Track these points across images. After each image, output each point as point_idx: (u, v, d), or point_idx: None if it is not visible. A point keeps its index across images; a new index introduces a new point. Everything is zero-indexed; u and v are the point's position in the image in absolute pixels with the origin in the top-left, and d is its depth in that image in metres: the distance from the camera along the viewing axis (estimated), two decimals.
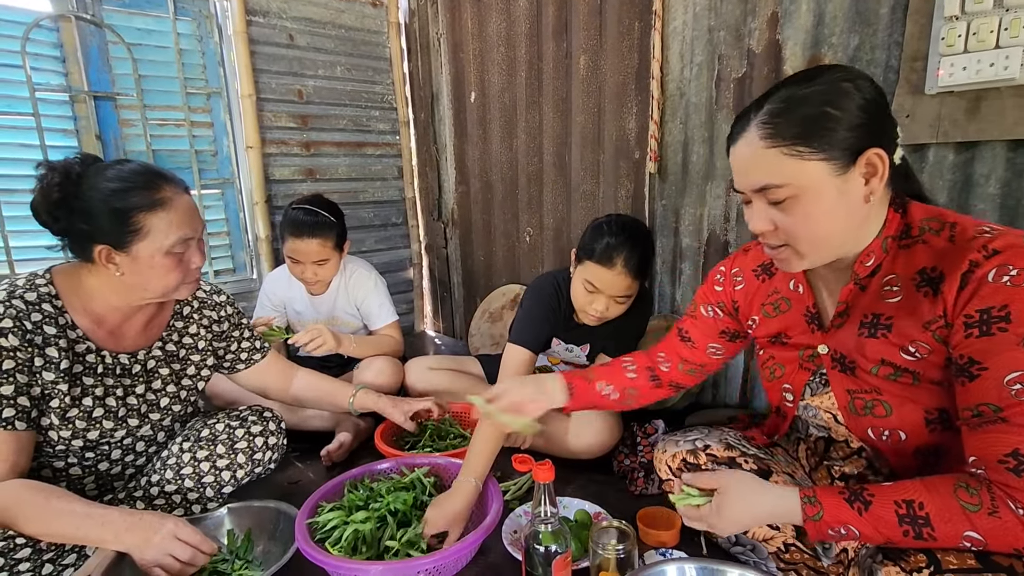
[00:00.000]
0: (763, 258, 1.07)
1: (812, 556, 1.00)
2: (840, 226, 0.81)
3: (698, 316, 1.17)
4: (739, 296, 1.10)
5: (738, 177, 0.86)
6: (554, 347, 1.78)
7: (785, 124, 0.77)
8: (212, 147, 2.37)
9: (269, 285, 2.07)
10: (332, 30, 2.62)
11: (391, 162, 2.92)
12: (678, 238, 1.98)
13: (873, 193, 0.79)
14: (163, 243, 1.10)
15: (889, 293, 0.84)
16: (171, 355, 1.30)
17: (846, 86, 0.77)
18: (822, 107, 0.76)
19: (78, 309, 1.15)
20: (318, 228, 1.83)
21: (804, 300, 0.98)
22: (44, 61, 1.97)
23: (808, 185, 0.78)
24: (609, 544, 1.01)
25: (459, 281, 2.95)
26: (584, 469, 1.58)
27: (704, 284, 1.17)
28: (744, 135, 0.82)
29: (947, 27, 1.30)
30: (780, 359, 1.04)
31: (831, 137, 0.76)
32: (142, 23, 2.14)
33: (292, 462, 1.70)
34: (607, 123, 2.07)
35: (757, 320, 1.07)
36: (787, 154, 0.77)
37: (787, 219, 0.81)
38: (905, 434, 0.87)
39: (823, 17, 1.52)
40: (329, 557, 1.05)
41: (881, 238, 0.84)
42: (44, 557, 1.07)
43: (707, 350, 1.16)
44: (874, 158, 0.77)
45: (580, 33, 2.06)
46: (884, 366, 0.85)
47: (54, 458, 1.17)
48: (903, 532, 0.74)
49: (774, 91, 0.82)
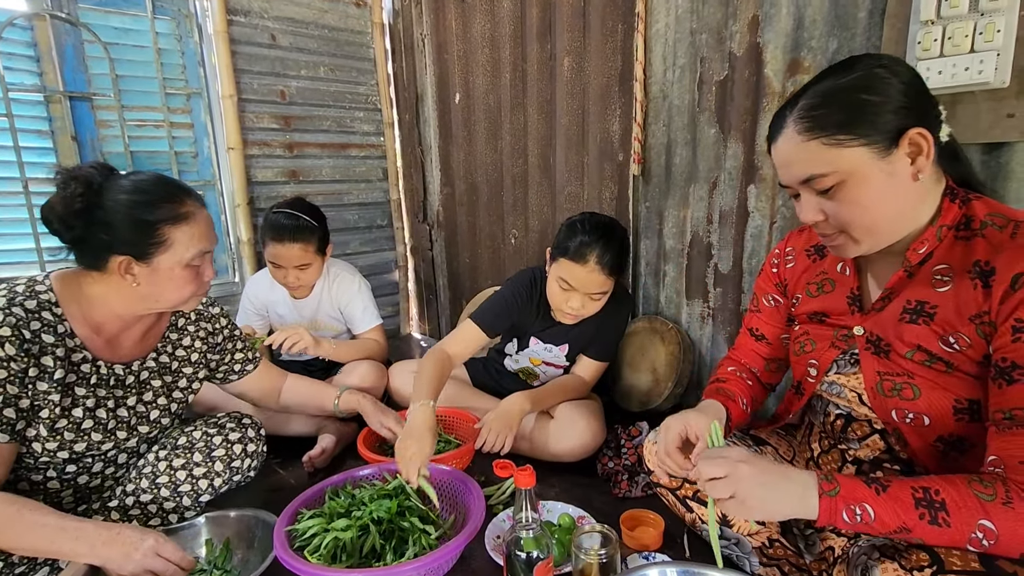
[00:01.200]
0: (817, 239, 1.08)
1: (795, 553, 1.00)
2: (892, 208, 0.82)
3: (762, 309, 1.17)
4: (789, 274, 1.11)
5: (782, 172, 0.87)
6: (532, 346, 1.79)
7: (822, 116, 0.79)
8: (192, 148, 2.34)
9: (251, 288, 2.05)
10: (315, 30, 2.59)
11: (376, 164, 2.90)
12: (662, 240, 1.99)
13: (921, 172, 0.79)
14: (184, 256, 1.11)
15: (939, 283, 0.84)
16: (164, 367, 1.28)
17: (880, 72, 0.78)
18: (858, 94, 0.78)
19: (77, 317, 1.13)
20: (299, 232, 1.81)
21: (849, 283, 0.99)
22: (18, 60, 1.93)
23: (852, 170, 0.79)
24: (592, 549, 1.00)
25: (445, 283, 2.93)
26: (568, 472, 1.58)
27: (761, 274, 1.18)
28: (783, 132, 0.84)
29: (923, 31, 1.32)
30: (814, 335, 1.03)
31: (870, 122, 0.77)
32: (119, 22, 2.10)
33: (274, 469, 1.68)
34: (591, 125, 2.07)
35: (800, 298, 1.08)
36: (827, 144, 0.79)
37: (837, 206, 0.82)
38: (929, 419, 0.86)
39: (802, 21, 1.53)
40: (307, 565, 1.03)
41: (936, 227, 0.84)
42: (16, 571, 1.05)
43: (781, 342, 1.16)
44: (917, 137, 0.78)
45: (564, 35, 2.06)
46: (920, 352, 0.85)
47: (33, 471, 1.14)
48: (919, 515, 0.73)
49: (809, 86, 0.84)
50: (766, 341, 1.17)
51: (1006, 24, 1.23)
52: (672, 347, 1.86)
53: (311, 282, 1.94)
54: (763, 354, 1.18)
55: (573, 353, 1.78)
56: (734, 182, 1.74)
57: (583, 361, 1.76)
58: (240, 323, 2.00)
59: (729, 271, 1.80)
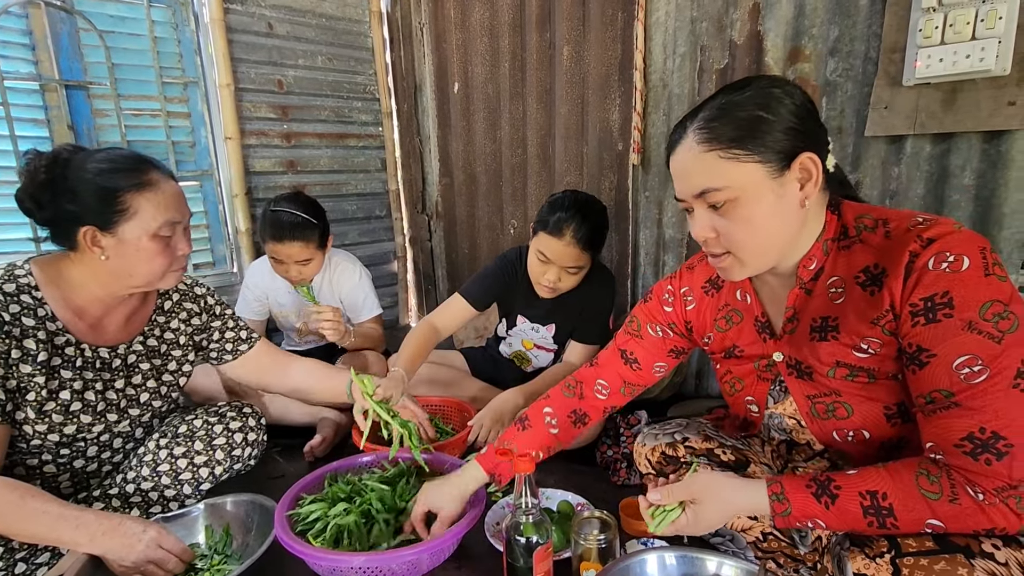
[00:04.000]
0: (709, 273, 1.07)
1: (789, 544, 1.01)
2: (779, 230, 0.83)
3: (644, 336, 1.14)
4: (692, 316, 1.09)
5: (678, 184, 0.87)
6: (520, 325, 1.80)
7: (721, 128, 0.80)
8: (190, 138, 2.33)
9: (252, 277, 2.04)
10: (312, 19, 2.57)
11: (374, 154, 2.88)
12: (661, 229, 1.99)
13: (808, 198, 0.81)
14: (150, 225, 1.08)
15: (835, 295, 0.86)
16: (152, 350, 1.27)
17: (776, 92, 0.80)
18: (755, 111, 0.79)
19: (58, 301, 1.13)
20: (299, 230, 1.77)
21: (752, 310, 0.99)
22: (13, 49, 1.91)
23: (746, 186, 0.79)
24: (591, 534, 1.01)
25: (444, 274, 2.93)
26: (567, 460, 1.58)
27: (647, 303, 1.15)
28: (682, 142, 0.84)
29: (924, 19, 1.32)
30: (737, 373, 1.05)
31: (764, 139, 0.78)
32: (114, 10, 2.08)
33: (274, 457, 1.69)
34: (590, 114, 2.06)
35: (712, 336, 1.07)
36: (724, 157, 0.79)
37: (727, 224, 0.83)
38: (869, 432, 0.88)
39: (803, 8, 1.53)
40: (309, 548, 1.04)
41: (821, 241, 0.86)
42: (16, 556, 1.05)
43: (652, 369, 1.16)
44: (808, 162, 0.79)
45: (563, 23, 2.05)
46: (840, 367, 0.86)
47: (28, 455, 1.14)
48: (868, 523, 0.76)
49: (709, 101, 0.84)
50: (637, 366, 1.14)
51: (1008, 11, 1.23)
52: None
53: (312, 275, 1.93)
54: (627, 378, 1.15)
55: (561, 335, 1.79)
56: None
57: (574, 346, 1.77)
58: (240, 311, 2.00)
59: None
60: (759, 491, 0.83)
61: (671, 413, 1.83)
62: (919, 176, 1.43)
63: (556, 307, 1.71)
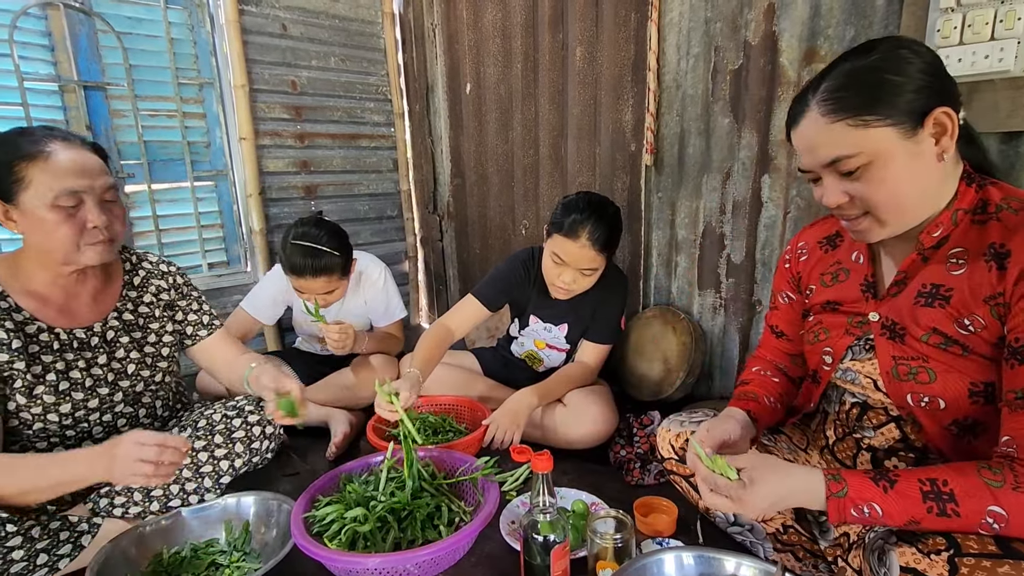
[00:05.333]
0: (829, 230, 1.08)
1: (809, 539, 1.01)
2: (917, 187, 0.82)
3: (779, 306, 1.17)
4: (802, 267, 1.11)
5: (805, 156, 0.87)
6: (532, 325, 1.81)
7: (847, 97, 0.79)
8: (205, 138, 2.35)
9: (274, 281, 1.95)
10: (326, 20, 2.59)
11: (386, 154, 2.90)
12: (674, 230, 1.99)
13: (946, 151, 0.80)
14: (45, 195, 1.08)
15: (954, 266, 0.85)
16: (130, 324, 1.31)
17: (903, 52, 0.79)
18: (882, 74, 0.78)
19: (19, 292, 1.17)
20: (321, 267, 1.71)
21: (863, 270, 0.99)
22: (32, 50, 1.93)
23: (879, 150, 0.79)
24: (607, 533, 1.01)
25: (455, 274, 2.94)
26: (580, 459, 1.59)
27: (776, 273, 1.18)
28: (806, 115, 0.84)
29: (943, 19, 1.31)
30: (827, 324, 1.03)
31: (894, 102, 0.77)
32: (132, 11, 2.11)
33: (288, 454, 1.70)
34: (603, 115, 2.06)
35: (814, 289, 1.07)
36: (853, 125, 0.79)
37: (863, 187, 0.82)
38: (945, 402, 0.86)
39: (819, 8, 1.52)
40: (326, 551, 1.05)
41: (951, 210, 0.85)
42: (38, 546, 1.07)
43: (801, 338, 1.15)
44: (942, 117, 0.78)
45: (576, 24, 2.05)
46: (935, 335, 0.85)
47: (37, 439, 1.19)
48: (927, 508, 0.74)
49: (830, 69, 0.83)
50: (786, 338, 1.18)
51: None
52: (684, 337, 1.86)
53: (339, 298, 1.90)
54: (786, 350, 1.19)
55: (573, 335, 1.79)
56: (748, 172, 1.73)
57: (586, 346, 1.77)
58: (247, 306, 1.94)
59: (742, 261, 1.80)
60: (814, 473, 0.82)
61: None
62: None
63: (569, 307, 1.71)
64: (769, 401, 1.11)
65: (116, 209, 1.18)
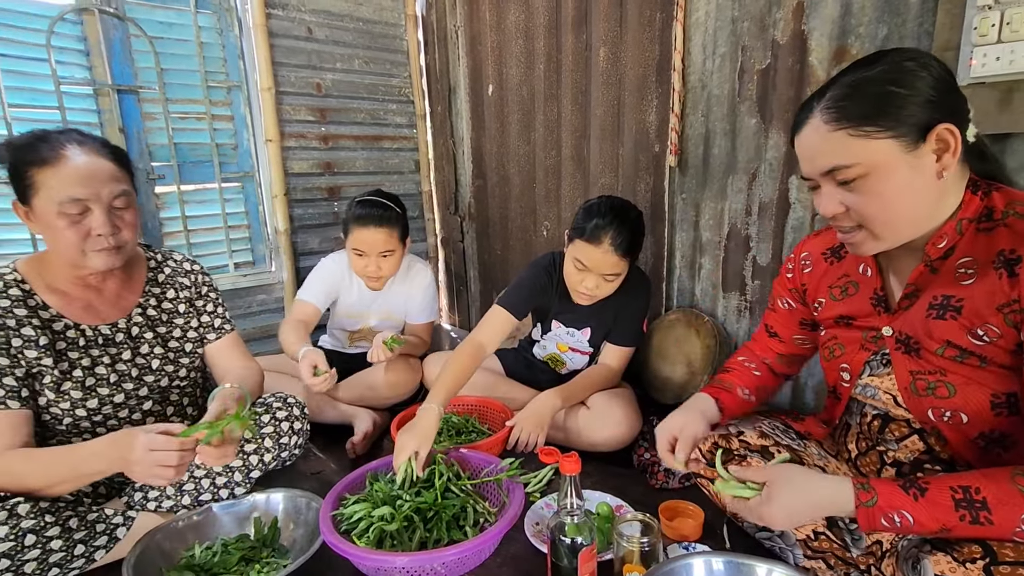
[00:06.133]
0: (833, 241, 1.07)
1: (841, 546, 0.99)
2: (914, 203, 0.81)
3: (777, 310, 1.20)
4: (807, 279, 1.10)
5: (805, 163, 0.87)
6: (555, 329, 1.80)
7: (850, 106, 0.78)
8: (232, 140, 2.39)
9: (330, 267, 2.00)
10: (350, 23, 2.62)
11: (408, 155, 2.92)
12: (698, 232, 1.97)
13: (946, 169, 0.79)
14: (53, 200, 1.10)
15: (963, 276, 0.83)
16: (153, 320, 1.34)
17: (910, 65, 0.78)
18: (887, 86, 0.77)
19: (45, 289, 1.20)
20: (386, 219, 1.84)
21: (872, 283, 0.98)
22: (68, 55, 1.99)
23: (878, 163, 0.78)
24: (633, 537, 1.01)
25: (475, 275, 2.95)
26: (603, 462, 1.58)
27: (778, 278, 1.19)
28: (809, 122, 0.84)
29: (980, 16, 1.28)
30: (842, 339, 1.03)
31: (898, 115, 0.76)
32: (163, 16, 2.15)
33: (313, 452, 1.73)
34: (627, 116, 2.05)
35: (823, 302, 1.07)
36: (854, 135, 0.78)
37: (859, 199, 0.81)
38: (967, 416, 0.85)
39: (850, 7, 1.49)
40: (355, 549, 1.06)
41: (955, 220, 0.83)
42: (75, 537, 1.10)
43: (793, 341, 1.19)
44: (945, 133, 0.77)
45: (600, 25, 2.05)
46: (950, 347, 0.84)
47: (67, 434, 1.22)
48: (959, 516, 0.72)
49: (837, 78, 0.83)
50: (779, 339, 1.21)
51: None
52: (707, 340, 1.85)
53: (392, 272, 1.95)
54: (776, 349, 1.22)
55: (596, 338, 1.78)
56: (775, 173, 1.71)
57: (609, 348, 1.77)
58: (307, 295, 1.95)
59: (768, 263, 1.78)
60: (843, 481, 0.81)
61: None
62: None
63: (591, 311, 1.70)
64: (743, 393, 1.16)
65: (127, 216, 1.19)
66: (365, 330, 2.08)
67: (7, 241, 1.92)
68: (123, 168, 1.20)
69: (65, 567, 1.08)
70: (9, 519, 1.01)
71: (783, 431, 1.14)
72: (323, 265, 2.03)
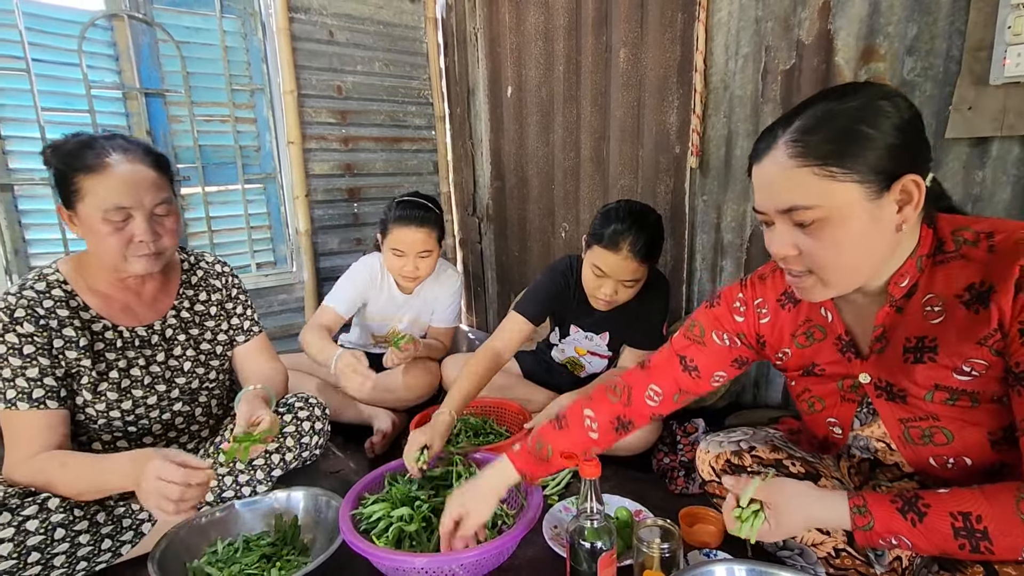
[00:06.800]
0: (785, 286, 1.01)
1: (864, 563, 0.97)
2: (868, 254, 0.78)
3: (708, 343, 1.07)
4: (765, 330, 1.03)
5: (761, 197, 0.82)
6: (573, 334, 1.79)
7: (817, 142, 0.74)
8: (255, 142, 2.43)
9: (361, 272, 1.99)
10: (371, 26, 2.64)
11: (427, 157, 2.94)
12: (719, 234, 1.95)
13: (906, 222, 0.76)
14: (99, 207, 1.12)
15: (931, 314, 0.81)
16: (186, 322, 1.36)
17: (883, 104, 0.73)
18: (857, 124, 0.73)
19: (86, 291, 1.23)
20: (426, 220, 1.85)
21: (835, 328, 0.94)
22: (99, 59, 2.04)
23: (839, 208, 0.74)
24: (654, 542, 1.00)
25: (493, 276, 2.95)
26: (621, 466, 1.57)
27: (714, 308, 1.07)
28: (770, 152, 0.78)
29: (1014, 15, 1.24)
30: (817, 392, 1.00)
31: (866, 157, 0.72)
32: (190, 21, 2.20)
33: (333, 452, 1.74)
34: (647, 117, 2.04)
35: (789, 352, 1.01)
36: (818, 174, 0.74)
37: (813, 244, 0.77)
38: (971, 460, 0.83)
39: (878, 5, 1.47)
40: (374, 548, 1.06)
41: (915, 257, 0.81)
42: (103, 531, 1.12)
43: (711, 379, 1.08)
44: (910, 185, 0.74)
45: (621, 26, 2.04)
46: (939, 391, 0.81)
47: (102, 431, 1.25)
48: (959, 545, 0.72)
49: (804, 107, 0.78)
50: (696, 373, 1.07)
51: None
52: None
53: (428, 273, 1.95)
54: (683, 386, 1.08)
55: (615, 342, 1.77)
56: None
57: (628, 352, 1.75)
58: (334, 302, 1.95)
59: None
60: (840, 502, 0.80)
61: (729, 422, 1.78)
62: (1005, 181, 1.35)
63: (610, 315, 1.68)
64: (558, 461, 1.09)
65: (168, 223, 1.21)
66: (391, 333, 2.09)
67: (39, 241, 1.98)
68: (164, 175, 1.22)
69: (92, 561, 1.10)
70: (40, 512, 1.04)
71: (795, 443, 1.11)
72: (354, 269, 2.02)
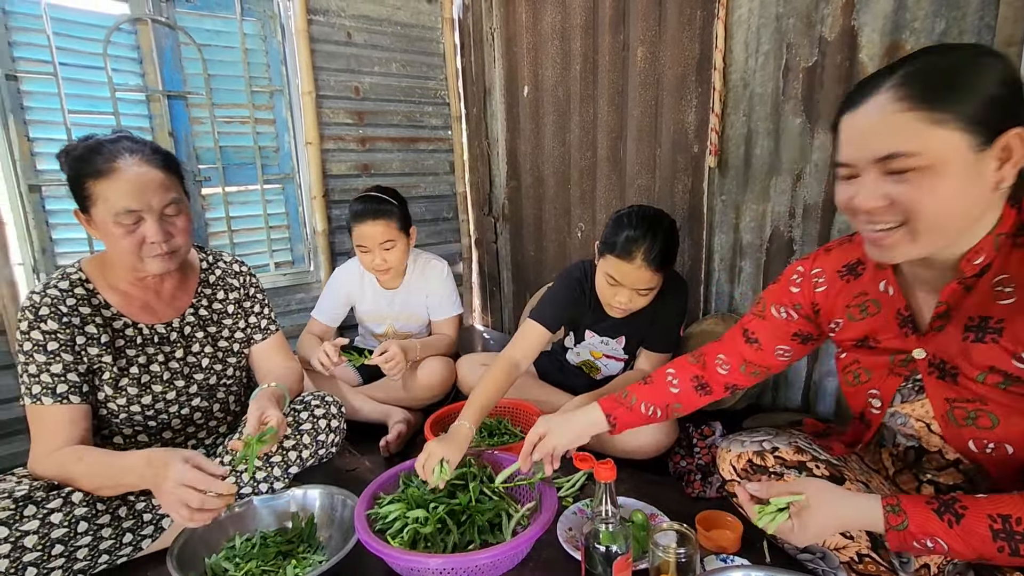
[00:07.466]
0: (848, 258, 1.01)
1: (888, 569, 0.95)
2: (964, 209, 0.75)
3: (767, 316, 1.11)
4: (820, 298, 1.04)
5: (853, 147, 0.78)
6: (589, 339, 1.77)
7: (923, 87, 0.72)
8: (274, 143, 2.46)
9: (341, 275, 2.08)
10: (388, 27, 2.66)
11: (443, 157, 2.94)
12: (738, 235, 1.92)
13: (1004, 181, 0.73)
14: (110, 211, 1.14)
15: (1001, 295, 0.78)
16: (204, 319, 1.38)
17: (988, 59, 0.72)
18: (963, 73, 0.71)
19: (107, 289, 1.26)
20: (380, 212, 1.86)
21: (895, 302, 0.92)
22: (123, 63, 2.07)
23: (941, 156, 0.71)
24: (670, 547, 0.99)
25: (509, 276, 2.95)
26: (637, 469, 1.56)
27: (776, 283, 1.11)
28: (871, 98, 0.75)
29: None
30: (866, 364, 0.98)
31: (972, 104, 0.70)
32: (211, 24, 2.23)
33: (349, 451, 1.75)
34: (665, 116, 2.02)
35: (841, 323, 1.01)
36: (924, 120, 0.71)
37: (910, 191, 0.73)
38: (1013, 448, 0.80)
39: (904, 1, 1.43)
40: (390, 549, 1.07)
41: (993, 235, 0.78)
42: (124, 525, 1.14)
43: (775, 352, 1.12)
44: (1014, 140, 0.71)
45: (638, 24, 2.02)
46: (993, 374, 0.79)
47: (123, 425, 1.28)
48: (998, 548, 0.69)
49: (909, 59, 0.76)
50: (757, 345, 1.12)
51: None
52: None
53: (398, 264, 1.96)
54: (747, 357, 1.13)
55: (631, 345, 1.75)
56: (821, 174, 1.66)
57: (645, 354, 1.73)
58: (317, 313, 2.05)
59: None
60: (872, 502, 0.78)
61: (747, 424, 1.76)
62: None
63: (626, 319, 1.65)
64: (646, 410, 1.16)
65: (179, 222, 1.22)
66: (390, 332, 2.10)
67: (65, 240, 2.02)
68: (173, 175, 1.23)
69: (114, 554, 1.13)
70: (64, 505, 1.06)
71: (819, 445, 1.09)
72: (333, 277, 2.10)
